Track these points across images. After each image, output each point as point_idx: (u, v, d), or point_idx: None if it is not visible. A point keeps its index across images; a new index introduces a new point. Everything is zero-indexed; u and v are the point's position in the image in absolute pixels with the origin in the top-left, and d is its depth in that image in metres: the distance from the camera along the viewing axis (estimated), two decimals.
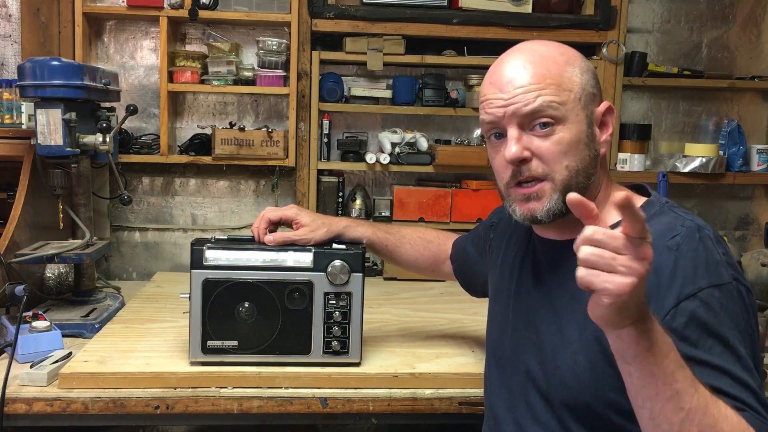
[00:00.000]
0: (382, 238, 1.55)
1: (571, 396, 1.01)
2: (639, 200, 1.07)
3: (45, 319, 1.62)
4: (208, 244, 1.45)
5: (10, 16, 2.36)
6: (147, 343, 1.63)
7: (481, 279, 1.45)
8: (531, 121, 1.02)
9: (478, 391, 1.48)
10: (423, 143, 2.41)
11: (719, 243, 0.97)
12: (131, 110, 1.85)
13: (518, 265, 1.19)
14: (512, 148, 1.02)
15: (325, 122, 2.43)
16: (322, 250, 1.47)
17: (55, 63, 1.76)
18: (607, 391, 0.97)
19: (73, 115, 1.77)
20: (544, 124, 1.01)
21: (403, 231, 1.59)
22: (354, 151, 2.42)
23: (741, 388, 0.89)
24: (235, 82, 2.34)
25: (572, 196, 0.77)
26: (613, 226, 1.01)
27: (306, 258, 1.46)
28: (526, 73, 1.02)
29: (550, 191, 1.03)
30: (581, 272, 0.77)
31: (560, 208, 1.03)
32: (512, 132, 1.02)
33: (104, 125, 1.85)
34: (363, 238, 1.53)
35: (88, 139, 1.84)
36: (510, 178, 1.05)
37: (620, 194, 0.74)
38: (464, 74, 2.50)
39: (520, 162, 1.03)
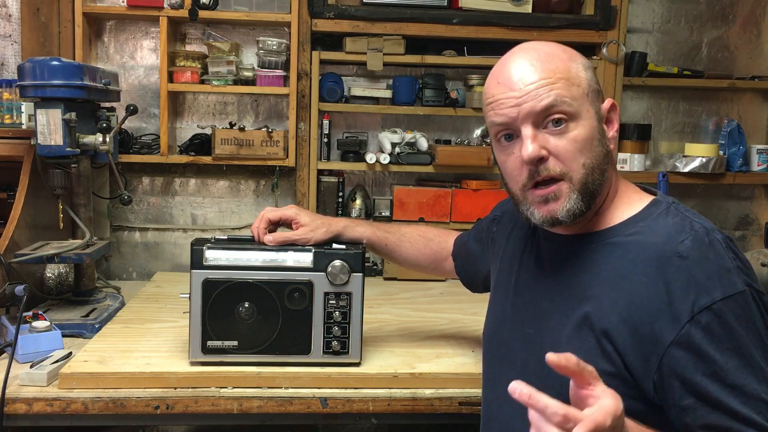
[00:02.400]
0: (382, 237, 1.55)
1: (566, 395, 1.00)
2: (645, 198, 1.06)
3: (45, 319, 1.62)
4: (208, 244, 1.45)
5: (10, 16, 2.36)
6: (147, 343, 1.63)
7: (483, 274, 1.44)
8: (545, 118, 0.99)
9: (478, 391, 1.48)
10: (423, 143, 2.41)
11: (729, 247, 0.95)
12: (131, 110, 1.85)
13: (519, 258, 1.18)
14: (529, 147, 0.98)
15: (325, 122, 2.43)
16: (322, 250, 1.47)
17: (55, 63, 1.76)
18: None
19: (73, 115, 1.77)
20: (557, 121, 0.99)
21: (403, 230, 1.59)
22: (354, 151, 2.42)
23: (754, 404, 0.88)
24: (235, 82, 2.34)
25: (552, 359, 0.80)
26: (623, 224, 1.02)
27: (306, 258, 1.46)
28: (535, 69, 1.00)
29: (567, 191, 1.00)
30: None
31: (580, 208, 1.00)
32: (527, 131, 0.99)
33: (104, 125, 1.85)
34: (362, 238, 1.53)
35: (88, 139, 1.84)
36: (527, 179, 1.02)
37: None
38: (464, 74, 2.50)
39: (537, 161, 0.99)
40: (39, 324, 1.59)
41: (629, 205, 1.05)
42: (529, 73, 1.00)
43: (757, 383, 0.89)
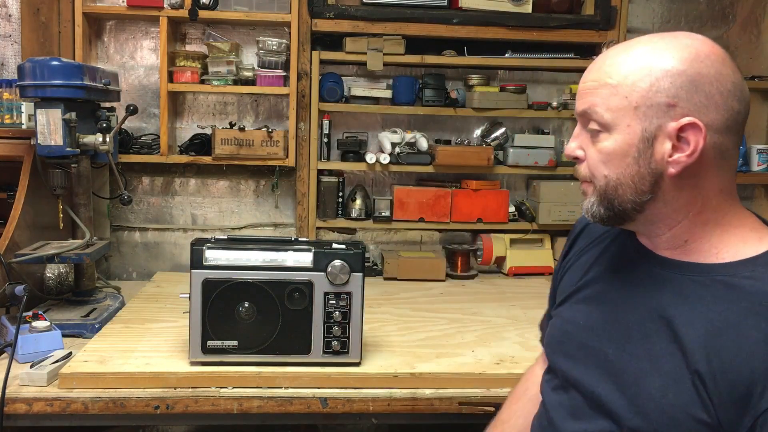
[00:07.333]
0: None
1: (647, 426, 0.94)
2: (766, 239, 0.96)
3: (45, 319, 1.62)
4: (208, 244, 1.45)
5: (10, 16, 2.36)
6: (147, 343, 1.63)
7: None
8: (587, 121, 0.98)
9: (478, 391, 1.49)
10: (423, 143, 2.41)
11: None
12: (131, 110, 1.85)
13: (602, 267, 1.10)
14: (569, 144, 1.02)
15: (325, 122, 2.43)
16: (322, 250, 1.47)
17: (55, 63, 1.76)
18: None
19: (73, 115, 1.77)
20: (593, 128, 0.97)
21: (504, 416, 1.28)
22: (354, 151, 2.42)
23: None
24: (235, 82, 2.34)
25: None
26: (740, 264, 0.93)
27: (306, 258, 1.46)
28: (597, 69, 0.97)
29: (591, 192, 1.00)
30: None
31: (599, 214, 0.99)
32: (576, 128, 1.01)
33: (104, 125, 1.85)
34: None
35: (88, 139, 1.84)
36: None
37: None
38: (464, 74, 2.50)
39: (574, 158, 1.01)
40: (39, 324, 1.59)
41: (743, 242, 0.96)
42: (591, 71, 0.99)
43: None
